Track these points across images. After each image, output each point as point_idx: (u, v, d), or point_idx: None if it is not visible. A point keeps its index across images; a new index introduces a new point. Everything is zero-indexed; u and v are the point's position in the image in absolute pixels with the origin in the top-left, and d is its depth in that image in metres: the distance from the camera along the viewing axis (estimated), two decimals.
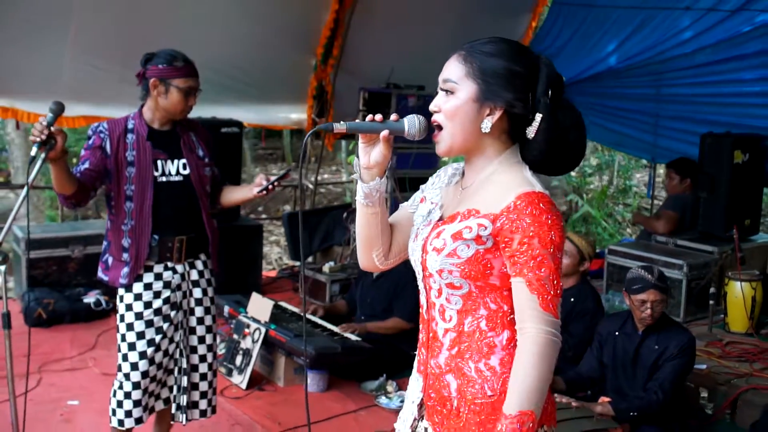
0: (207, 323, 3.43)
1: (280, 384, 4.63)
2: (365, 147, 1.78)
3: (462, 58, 1.75)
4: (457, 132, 1.74)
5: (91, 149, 3.15)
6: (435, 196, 1.90)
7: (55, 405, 4.21)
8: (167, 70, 3.15)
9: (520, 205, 1.67)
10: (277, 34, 6.53)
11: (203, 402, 3.45)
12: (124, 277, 3.22)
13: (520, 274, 1.68)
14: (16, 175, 12.54)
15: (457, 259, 1.72)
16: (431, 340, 1.83)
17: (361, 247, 1.92)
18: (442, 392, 1.80)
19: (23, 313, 5.39)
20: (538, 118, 1.73)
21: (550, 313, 1.67)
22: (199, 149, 3.36)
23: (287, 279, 7.06)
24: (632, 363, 3.90)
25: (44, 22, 5.45)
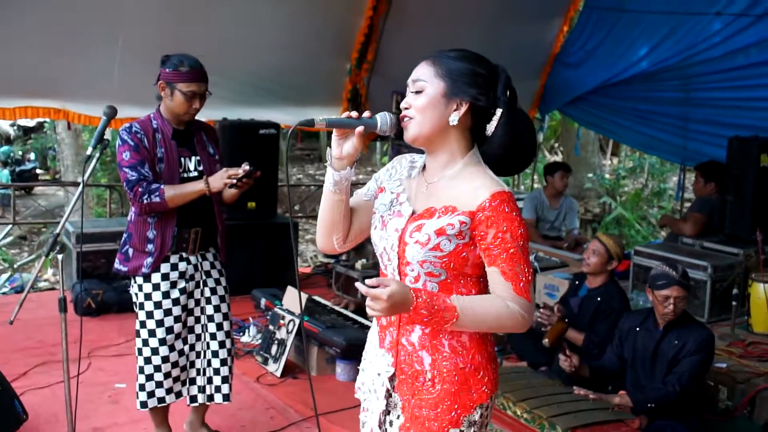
0: (223, 310, 3.64)
1: (312, 373, 4.86)
2: (338, 139, 1.97)
3: (431, 62, 1.97)
4: (426, 122, 1.95)
5: (137, 149, 3.35)
6: (395, 187, 2.08)
7: (104, 387, 4.50)
8: (172, 74, 3.36)
9: (494, 203, 1.89)
10: (314, 39, 6.76)
11: (225, 386, 3.65)
12: (147, 266, 3.44)
13: (494, 264, 1.91)
14: (66, 173, 12.97)
15: (439, 252, 1.92)
16: (402, 321, 2.00)
17: (322, 230, 2.11)
18: (415, 366, 2.00)
19: (74, 302, 5.71)
20: (499, 112, 1.96)
21: (523, 297, 1.90)
22: (210, 147, 3.59)
23: (321, 275, 7.28)
24: (652, 358, 4.00)
25: (94, 30, 5.76)
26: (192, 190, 3.38)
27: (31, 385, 4.43)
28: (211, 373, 3.63)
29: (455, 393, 1.97)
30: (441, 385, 1.98)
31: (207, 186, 3.36)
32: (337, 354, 4.66)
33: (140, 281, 3.48)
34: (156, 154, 3.40)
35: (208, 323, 3.61)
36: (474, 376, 1.98)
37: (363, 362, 2.20)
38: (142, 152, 3.36)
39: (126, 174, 3.34)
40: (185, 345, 3.56)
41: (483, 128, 2.00)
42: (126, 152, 3.34)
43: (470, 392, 1.98)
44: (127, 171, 3.34)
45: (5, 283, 10.28)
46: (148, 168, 3.36)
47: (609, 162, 17.05)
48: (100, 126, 3.11)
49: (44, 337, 5.17)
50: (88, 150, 3.06)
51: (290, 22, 6.48)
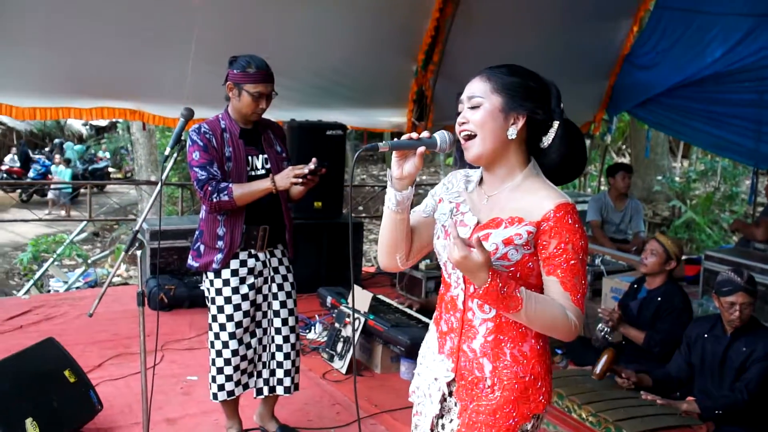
0: (289, 306, 3.73)
1: (377, 371, 4.93)
2: (398, 160, 2.00)
3: (485, 77, 2.02)
4: (488, 138, 1.98)
5: (206, 149, 3.45)
6: (454, 198, 2.12)
7: (177, 379, 4.64)
8: (240, 76, 3.45)
9: (558, 214, 1.93)
10: (381, 42, 6.82)
11: (287, 380, 3.75)
12: (217, 262, 3.54)
13: (554, 274, 1.95)
14: (139, 172, 13.36)
15: (507, 262, 1.96)
16: (465, 329, 2.05)
17: (385, 250, 2.14)
18: (476, 373, 2.03)
19: (147, 297, 5.88)
20: (556, 124, 2.02)
21: (579, 308, 1.95)
22: (277, 145, 3.68)
23: (385, 275, 7.32)
24: (720, 365, 3.96)
25: (169, 33, 5.91)
26: (259, 188, 3.47)
27: (106, 376, 4.59)
28: (275, 365, 3.73)
29: (514, 401, 2.01)
30: (501, 392, 2.01)
31: (273, 184, 3.45)
32: (402, 353, 4.72)
33: (211, 276, 3.60)
34: (224, 153, 3.50)
35: (273, 318, 3.70)
36: (533, 385, 2.02)
37: (419, 367, 2.23)
38: (211, 152, 3.46)
39: (196, 173, 3.45)
40: (253, 338, 3.67)
41: (538, 140, 2.05)
42: (196, 152, 3.44)
43: (528, 402, 2.02)
44: (197, 170, 3.44)
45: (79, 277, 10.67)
46: (216, 167, 3.46)
47: (679, 164, 16.72)
48: (178, 127, 3.23)
49: (118, 330, 5.35)
50: (166, 150, 3.17)
51: (358, 25, 6.54)
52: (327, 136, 6.35)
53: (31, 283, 10.52)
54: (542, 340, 2.05)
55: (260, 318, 3.69)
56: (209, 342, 3.66)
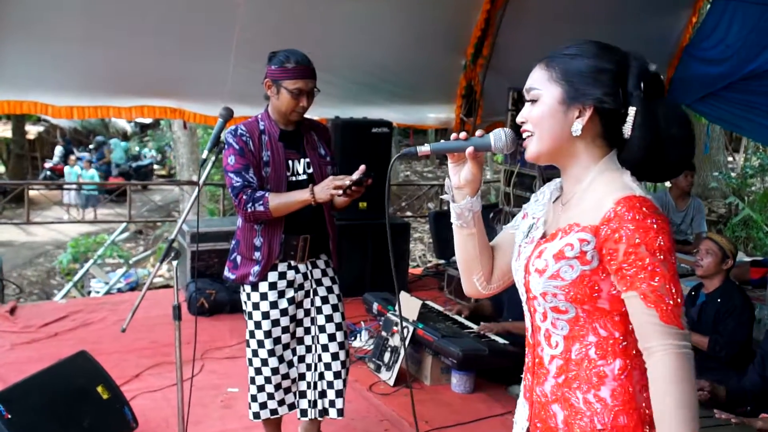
0: (336, 320, 3.45)
1: (426, 383, 4.69)
2: (455, 167, 1.74)
3: (544, 65, 1.67)
4: (545, 136, 1.64)
5: (242, 154, 3.20)
6: (537, 212, 1.79)
7: (216, 391, 4.43)
8: (278, 71, 3.19)
9: (621, 211, 1.53)
10: (428, 36, 6.61)
11: (339, 401, 3.46)
12: (254, 275, 3.30)
13: (632, 288, 1.53)
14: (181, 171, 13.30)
15: (560, 282, 1.60)
16: (537, 366, 1.72)
17: (461, 271, 1.86)
18: (548, 422, 1.68)
19: (187, 302, 5.73)
20: (632, 111, 1.60)
21: (674, 325, 1.50)
22: (321, 148, 3.40)
23: (432, 278, 7.12)
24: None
25: (210, 31, 5.80)
26: (297, 199, 3.20)
27: (144, 388, 4.41)
28: (324, 386, 3.47)
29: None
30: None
31: (312, 196, 3.17)
32: (453, 365, 4.46)
33: (248, 290, 3.37)
34: (262, 157, 3.25)
35: (319, 334, 3.44)
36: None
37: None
38: (247, 156, 3.22)
39: (231, 179, 3.21)
40: (294, 356, 3.43)
41: (618, 132, 1.64)
42: (231, 156, 3.20)
43: None
44: (232, 176, 3.21)
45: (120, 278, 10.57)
46: (253, 173, 3.21)
47: (732, 159, 16.19)
48: (216, 128, 3.01)
49: (158, 337, 5.18)
50: (204, 153, 2.96)
51: (404, 19, 6.35)
52: (372, 133, 6.11)
53: (70, 285, 10.47)
54: (633, 384, 1.59)
55: (302, 334, 3.43)
56: (248, 359, 3.43)
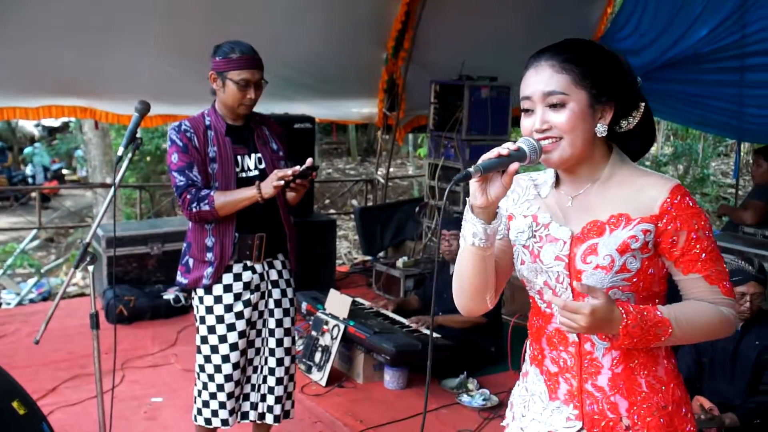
0: (286, 326, 3.33)
1: (359, 381, 4.59)
2: (480, 186, 1.62)
3: (558, 68, 1.64)
4: (578, 142, 1.65)
5: (186, 151, 3.07)
6: (526, 209, 1.79)
7: (139, 402, 4.23)
8: (223, 63, 3.07)
9: (677, 201, 1.63)
10: (349, 29, 6.51)
11: (277, 407, 3.34)
12: (207, 277, 3.15)
13: (694, 270, 1.66)
14: (93, 174, 12.82)
15: (627, 274, 1.64)
16: (585, 364, 1.72)
17: (471, 294, 1.76)
18: (608, 415, 1.70)
19: (105, 309, 5.47)
20: (642, 106, 1.71)
21: (732, 298, 1.69)
22: (273, 143, 3.28)
23: (360, 274, 7.04)
24: (731, 361, 3.73)
25: (124, 24, 5.53)
26: (243, 197, 3.07)
27: (62, 402, 4.16)
28: (265, 390, 3.34)
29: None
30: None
31: (259, 192, 3.04)
32: (386, 361, 4.38)
33: (201, 293, 3.20)
34: (207, 153, 3.11)
35: (268, 337, 3.31)
36: (678, 414, 1.71)
37: (521, 419, 1.86)
38: (191, 153, 3.07)
39: (174, 178, 3.07)
40: (245, 360, 3.29)
41: (616, 125, 1.71)
42: (174, 154, 3.07)
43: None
44: (176, 175, 3.06)
45: (32, 288, 10.09)
46: (197, 171, 3.07)
47: None
48: (132, 123, 2.82)
49: (74, 348, 4.91)
50: (119, 150, 2.78)
51: (324, 13, 6.24)
52: (295, 129, 5.96)
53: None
54: (673, 358, 1.76)
55: (253, 337, 3.28)
56: (197, 366, 3.24)
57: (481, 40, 6.85)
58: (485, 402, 4.29)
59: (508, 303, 5.74)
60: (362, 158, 17.41)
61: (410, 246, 6.96)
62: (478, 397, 4.34)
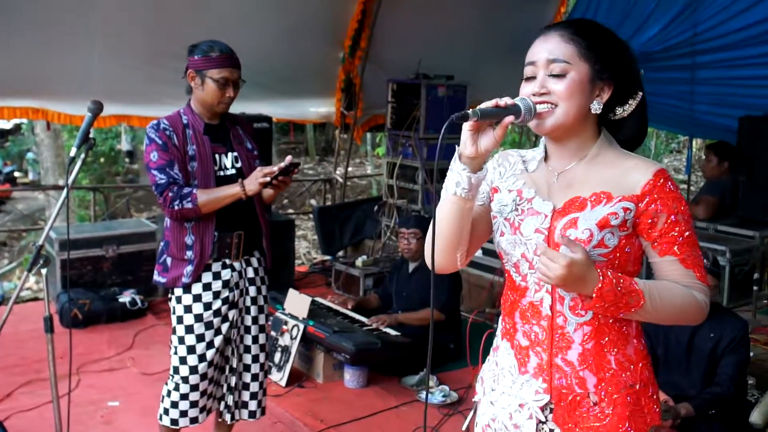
0: (261, 322, 3.36)
1: (319, 380, 4.59)
2: (472, 135, 1.64)
3: (566, 38, 1.68)
4: (571, 112, 1.68)
5: (166, 149, 3.06)
6: (512, 184, 1.81)
7: (96, 406, 4.17)
8: (202, 61, 3.09)
9: (660, 183, 1.67)
10: (304, 28, 6.49)
11: (253, 403, 3.38)
12: (187, 276, 3.14)
13: (670, 252, 1.69)
14: (46, 176, 12.61)
15: (605, 249, 1.67)
16: (556, 338, 1.75)
17: (446, 246, 1.76)
18: (576, 390, 1.73)
19: (59, 313, 5.37)
20: (639, 95, 1.75)
21: (706, 283, 1.71)
22: (247, 142, 3.30)
23: (319, 274, 7.02)
24: (686, 354, 3.79)
25: (72, 24, 5.46)
26: (227, 194, 3.08)
27: (17, 407, 4.10)
28: (241, 387, 3.35)
29: (629, 417, 1.72)
30: (612, 408, 1.72)
31: (243, 189, 3.06)
32: (346, 360, 4.38)
33: (179, 293, 3.18)
34: (187, 152, 3.11)
35: (244, 334, 3.32)
36: (645, 394, 1.75)
37: (491, 394, 1.88)
38: (172, 151, 3.06)
39: (155, 177, 3.05)
40: (220, 357, 3.28)
41: (610, 110, 1.76)
42: (154, 152, 3.06)
43: (643, 413, 1.74)
44: (156, 173, 3.05)
45: None
46: (178, 169, 3.07)
47: None
48: (85, 123, 2.78)
49: (28, 353, 4.82)
50: (72, 151, 2.74)
51: (280, 11, 6.21)
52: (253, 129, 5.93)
53: None
54: (643, 338, 1.79)
55: (233, 335, 3.29)
56: (172, 368, 3.21)
57: (437, 39, 6.89)
58: (445, 398, 4.32)
59: (466, 300, 5.78)
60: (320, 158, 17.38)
61: (369, 245, 6.96)
62: (438, 393, 4.36)
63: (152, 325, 5.46)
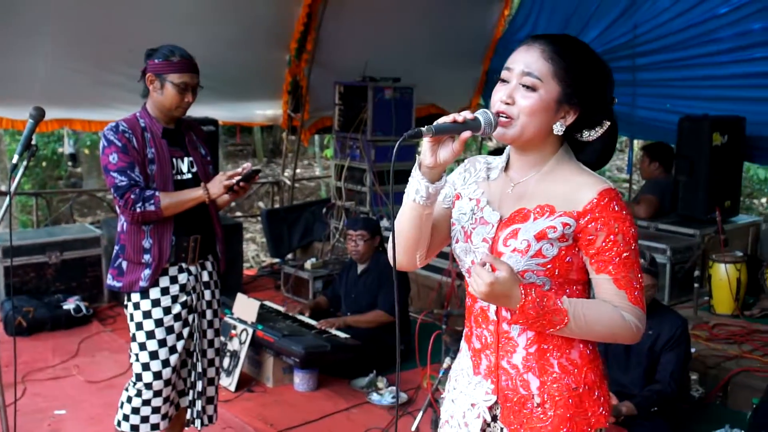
0: (215, 326, 3.37)
1: (269, 385, 4.58)
2: (432, 146, 1.69)
3: (546, 54, 1.71)
4: (530, 128, 1.73)
5: (126, 151, 3.05)
6: (473, 192, 1.87)
7: (43, 415, 4.11)
8: (162, 65, 3.08)
9: (603, 203, 1.70)
10: (250, 30, 6.48)
11: (210, 408, 3.40)
12: (145, 279, 3.13)
13: (605, 271, 1.72)
14: None
15: (542, 259, 1.72)
16: (501, 342, 1.81)
17: (406, 248, 1.84)
18: (521, 391, 1.80)
19: (3, 322, 5.28)
20: (606, 125, 1.78)
21: (638, 306, 1.73)
22: (201, 148, 3.31)
23: (268, 277, 6.98)
24: (626, 352, 3.87)
25: (20, 27, 5.36)
26: (190, 197, 3.09)
27: None
28: (197, 393, 3.34)
29: (570, 418, 1.77)
30: (554, 410, 1.77)
31: (206, 192, 3.08)
32: (296, 363, 4.39)
33: (137, 298, 3.16)
34: (146, 155, 3.10)
35: (201, 339, 3.32)
36: (589, 397, 1.79)
37: (452, 392, 1.97)
38: (132, 154, 3.05)
39: (114, 179, 3.03)
40: (181, 362, 3.27)
41: (577, 130, 1.79)
42: (113, 154, 3.04)
43: (586, 416, 1.79)
44: (116, 176, 3.03)
45: None
46: (138, 171, 3.06)
47: None
48: (27, 130, 2.74)
49: None
50: (14, 158, 2.70)
51: (225, 13, 6.18)
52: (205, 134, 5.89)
53: None
54: (591, 344, 1.82)
55: (192, 340, 3.28)
56: (135, 374, 3.20)
57: (383, 42, 6.93)
58: (395, 399, 4.35)
59: (415, 301, 5.83)
60: (268, 160, 17.25)
61: (318, 247, 6.97)
62: (388, 395, 4.40)
63: (97, 332, 5.39)
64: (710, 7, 6.03)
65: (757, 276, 5.43)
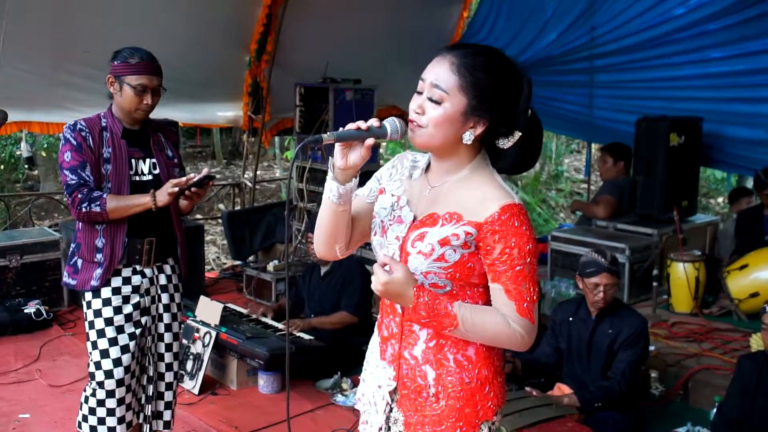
0: (174, 330, 3.34)
1: (233, 387, 4.56)
2: (342, 150, 1.81)
3: (455, 67, 1.76)
4: (438, 137, 1.80)
5: (79, 150, 3.03)
6: (395, 189, 1.95)
7: (7, 419, 4.06)
8: (121, 67, 3.07)
9: (504, 217, 1.76)
10: (209, 31, 6.44)
11: (167, 413, 3.37)
12: (96, 279, 3.10)
13: (498, 281, 1.80)
14: None
15: (444, 263, 1.80)
16: (405, 334, 1.91)
17: (324, 240, 1.96)
18: (418, 381, 1.90)
19: None
20: (517, 135, 1.82)
21: (527, 318, 1.80)
22: (168, 150, 3.28)
23: (230, 280, 6.95)
24: (587, 348, 3.94)
25: None
26: (136, 203, 3.06)
27: None
28: (155, 397, 3.32)
29: (460, 409, 1.88)
30: (445, 401, 1.88)
31: (153, 200, 3.04)
32: (260, 366, 4.37)
33: (89, 297, 3.13)
34: (102, 154, 3.07)
35: (157, 342, 3.29)
36: (480, 391, 1.89)
37: (364, 372, 2.09)
38: (85, 153, 3.04)
39: (66, 177, 3.03)
40: (137, 365, 3.23)
41: (495, 138, 1.84)
42: (68, 152, 3.04)
43: (476, 408, 1.88)
44: (67, 174, 3.03)
45: None
46: (90, 171, 3.04)
47: None
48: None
49: None
50: None
51: (184, 14, 6.14)
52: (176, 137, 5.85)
53: None
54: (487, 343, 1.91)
55: (147, 343, 3.24)
56: (89, 374, 3.17)
57: (343, 43, 6.94)
58: None
59: (377, 301, 5.84)
60: (228, 161, 17.15)
61: (280, 249, 6.94)
62: (353, 396, 4.40)
63: (58, 336, 5.31)
64: (667, 8, 6.12)
65: (716, 275, 5.52)
